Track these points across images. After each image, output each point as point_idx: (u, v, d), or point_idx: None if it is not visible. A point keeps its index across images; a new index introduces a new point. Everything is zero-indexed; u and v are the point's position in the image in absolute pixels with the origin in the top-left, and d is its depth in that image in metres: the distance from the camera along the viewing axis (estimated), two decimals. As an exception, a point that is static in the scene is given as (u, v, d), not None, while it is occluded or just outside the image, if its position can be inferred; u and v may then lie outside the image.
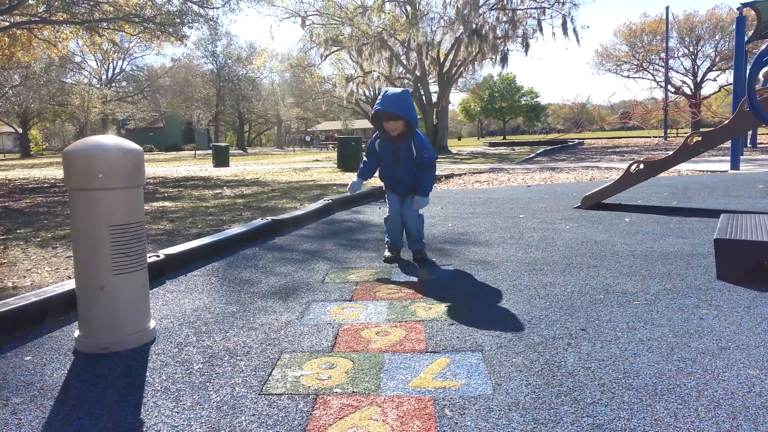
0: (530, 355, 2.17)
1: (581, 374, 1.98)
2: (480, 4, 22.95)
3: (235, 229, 4.72)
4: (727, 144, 10.92)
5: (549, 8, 23.08)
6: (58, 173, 16.95)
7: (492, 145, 34.58)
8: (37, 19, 15.82)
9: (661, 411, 1.71)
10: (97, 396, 1.95)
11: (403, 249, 4.02)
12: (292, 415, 1.77)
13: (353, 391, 1.93)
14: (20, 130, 48.36)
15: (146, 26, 17.11)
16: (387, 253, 3.92)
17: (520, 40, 23.59)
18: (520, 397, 1.84)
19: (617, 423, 1.65)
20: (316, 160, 21.92)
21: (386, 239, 3.99)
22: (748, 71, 4.85)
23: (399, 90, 3.55)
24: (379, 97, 3.55)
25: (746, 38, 13.05)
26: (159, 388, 2.00)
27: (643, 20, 45.31)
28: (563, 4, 22.77)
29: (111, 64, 50.15)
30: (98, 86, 47.75)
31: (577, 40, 23.03)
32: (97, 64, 48.16)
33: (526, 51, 23.55)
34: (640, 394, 1.82)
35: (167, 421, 1.76)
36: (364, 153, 3.88)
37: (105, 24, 16.91)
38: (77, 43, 21.96)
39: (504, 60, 23.95)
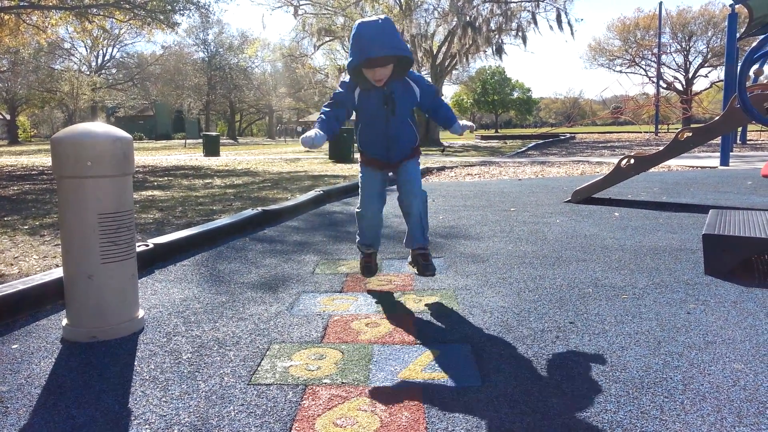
0: (519, 347, 2.19)
1: (569, 367, 2.00)
2: (474, -5, 22.88)
3: (226, 220, 4.69)
4: (717, 140, 11.00)
5: (543, 1, 23.07)
6: (46, 160, 16.77)
7: (484, 138, 34.61)
8: (25, 3, 15.58)
9: (647, 404, 1.73)
10: (84, 385, 1.94)
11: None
12: (281, 405, 1.77)
13: (342, 382, 1.93)
14: (8, 117, 47.75)
15: (137, 13, 16.90)
16: (367, 265, 3.01)
17: (513, 33, 23.56)
18: (508, 389, 1.85)
19: (604, 415, 1.66)
20: (308, 151, 21.84)
21: (358, 239, 3.01)
22: (739, 68, 4.87)
23: (379, 19, 2.54)
24: (356, 35, 2.51)
25: (738, 35, 13.12)
26: (147, 377, 1.99)
27: (637, 15, 45.41)
28: (558, -4, 22.75)
29: (101, 51, 49.58)
30: (88, 73, 47.21)
31: (572, 33, 23.22)
32: (87, 51, 47.61)
33: (525, 43, 23.54)
34: (627, 387, 1.83)
35: (155, 410, 1.75)
36: (325, 105, 2.69)
37: (95, 10, 16.69)
38: (67, 29, 21.68)
39: (499, 52, 23.92)
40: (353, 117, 2.82)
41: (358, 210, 2.90)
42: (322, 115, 2.65)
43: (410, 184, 2.76)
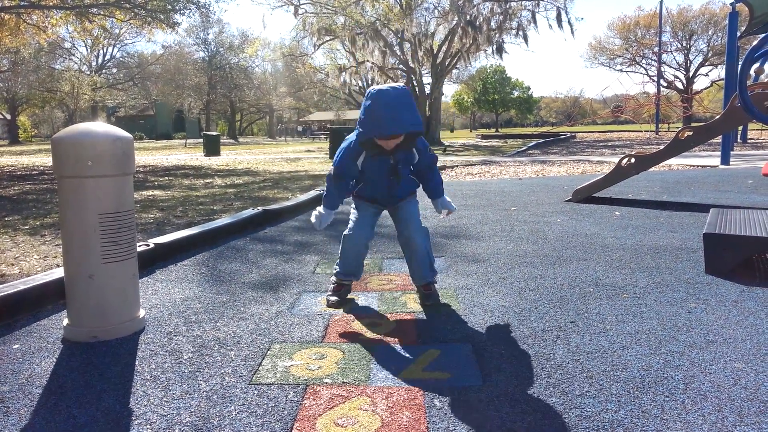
0: (520, 347, 2.19)
1: (570, 366, 2.00)
2: (475, -6, 22.86)
3: (226, 219, 4.70)
4: (718, 139, 10.99)
5: (543, 0, 23.04)
6: (47, 160, 16.78)
7: (484, 137, 34.59)
8: (25, 3, 15.58)
9: (648, 403, 1.73)
10: (85, 384, 1.94)
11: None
12: (282, 404, 1.77)
13: (343, 382, 1.93)
14: (8, 117, 47.76)
15: (137, 12, 16.90)
16: (332, 298, 2.76)
17: (514, 32, 23.54)
18: (509, 388, 1.85)
19: (605, 415, 1.66)
20: (308, 151, 21.84)
21: (336, 268, 2.79)
22: (739, 67, 4.87)
23: (397, 89, 2.44)
24: (372, 107, 2.41)
25: (739, 33, 13.10)
26: (148, 377, 1.99)
27: (637, 14, 45.39)
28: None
29: (101, 51, 49.57)
30: (88, 73, 47.22)
31: (572, 32, 23.08)
32: (87, 51, 47.60)
33: (526, 41, 23.51)
34: (627, 387, 1.83)
35: (156, 410, 1.76)
36: (331, 174, 2.73)
37: (95, 9, 16.69)
38: (67, 28, 21.66)
39: (500, 51, 23.90)
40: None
41: (346, 233, 2.72)
42: (326, 191, 2.77)
43: (411, 221, 2.72)
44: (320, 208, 2.75)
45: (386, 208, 2.79)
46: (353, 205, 2.81)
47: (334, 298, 2.76)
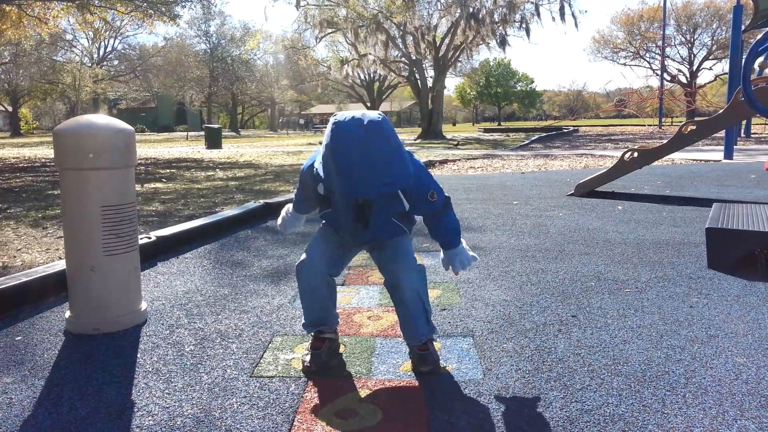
0: (521, 340, 2.19)
1: (571, 360, 2.00)
2: (478, -13, 22.74)
3: (228, 212, 4.70)
4: (721, 134, 10.96)
5: (546, -7, 22.90)
6: (48, 152, 16.78)
7: (487, 131, 34.50)
8: (27, -5, 15.53)
9: (649, 397, 1.73)
10: (87, 376, 1.94)
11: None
12: (284, 397, 1.78)
13: (345, 375, 1.93)
14: (10, 109, 47.74)
15: (138, 5, 16.84)
16: (308, 360, 1.97)
17: (517, 25, 23.44)
18: (510, 382, 1.85)
19: (606, 409, 1.67)
20: (310, 144, 21.81)
21: (304, 320, 2.06)
22: (743, 61, 4.84)
23: (363, 124, 1.64)
24: (328, 145, 1.67)
25: (743, 27, 13.03)
26: (150, 369, 2.00)
27: (641, 7, 45.13)
28: (561, -12, 22.59)
29: (102, 43, 49.43)
30: (90, 65, 47.12)
31: (576, 25, 22.97)
32: (89, 43, 47.47)
33: (528, 34, 23.39)
34: (628, 381, 1.83)
35: (158, 402, 1.76)
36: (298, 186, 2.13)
37: (96, 2, 16.63)
38: (68, 20, 21.60)
39: (503, 44, 23.80)
40: None
41: (298, 263, 1.99)
42: (295, 193, 2.18)
43: (399, 259, 1.95)
44: (289, 208, 2.27)
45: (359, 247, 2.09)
46: (322, 224, 2.09)
47: (316, 352, 1.98)
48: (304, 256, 1.99)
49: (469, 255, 2.06)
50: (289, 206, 2.26)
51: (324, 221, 2.06)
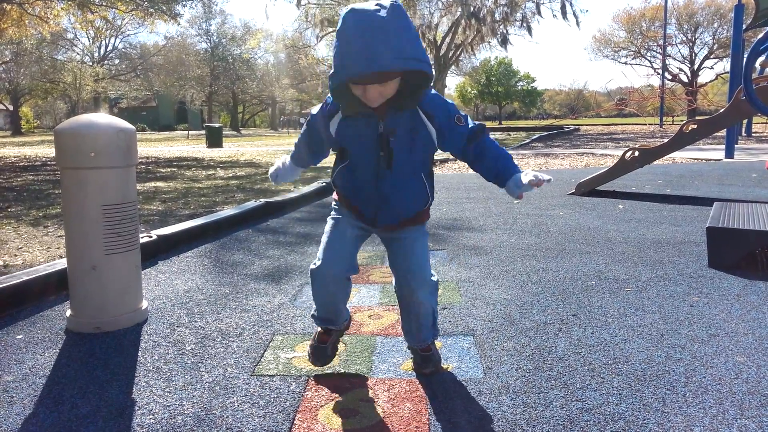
0: (521, 339, 2.19)
1: (571, 359, 2.00)
2: (478, -14, 22.74)
3: (229, 211, 4.70)
4: (722, 133, 10.95)
5: (548, -8, 22.92)
6: (49, 151, 16.79)
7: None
8: (27, -7, 15.54)
9: (649, 396, 1.73)
10: (88, 375, 1.95)
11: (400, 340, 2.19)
12: (284, 396, 1.78)
13: (345, 373, 1.93)
14: (11, 108, 47.76)
15: (139, 3, 16.84)
16: (318, 342, 1.95)
17: (518, 23, 23.43)
18: (510, 380, 1.85)
19: (606, 407, 1.67)
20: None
21: (314, 312, 1.98)
22: (745, 60, 4.84)
23: (380, 7, 1.54)
24: (341, 32, 1.56)
25: (744, 26, 13.01)
26: (151, 368, 2.00)
27: (644, 6, 45.04)
28: (562, -13, 22.60)
29: (103, 42, 49.44)
30: (90, 64, 47.13)
31: (577, 24, 22.94)
32: (90, 42, 47.49)
33: (530, 32, 23.39)
34: (629, 380, 1.84)
35: (159, 400, 1.76)
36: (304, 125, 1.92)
37: (97, 0, 16.63)
38: (69, 19, 21.61)
39: (504, 42, 23.79)
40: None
41: (313, 266, 1.86)
42: (296, 142, 1.97)
43: (414, 269, 1.83)
44: (286, 159, 2.03)
45: (375, 230, 1.89)
46: (331, 214, 1.94)
47: (321, 346, 1.94)
48: (319, 260, 1.84)
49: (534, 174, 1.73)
50: (286, 157, 2.04)
51: (339, 203, 1.89)
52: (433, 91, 1.74)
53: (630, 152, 6.00)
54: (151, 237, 3.52)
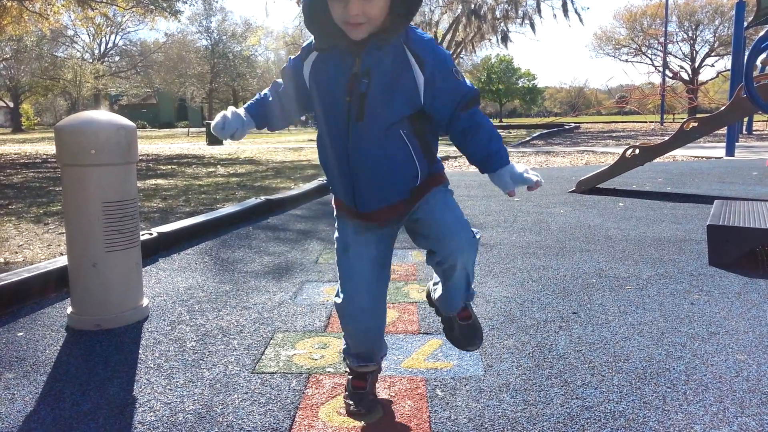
0: (522, 337, 2.19)
1: (572, 357, 2.00)
2: (479, -17, 22.70)
3: (229, 208, 4.70)
4: (723, 130, 10.94)
5: (548, -11, 22.89)
6: (50, 148, 16.78)
7: (488, 127, 34.32)
8: (28, -10, 15.51)
9: (649, 394, 1.73)
10: (89, 372, 1.95)
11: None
12: (285, 393, 1.78)
13: (346, 371, 1.93)
14: (11, 105, 47.73)
15: (139, 0, 16.82)
16: (350, 401, 1.63)
17: (519, 21, 23.41)
18: (510, 378, 1.85)
19: (606, 405, 1.67)
20: (311, 140, 21.79)
21: (344, 346, 1.69)
22: (746, 57, 4.83)
23: None
24: None
25: (745, 24, 12.98)
26: (152, 365, 2.00)
27: (645, 3, 44.98)
28: (563, -16, 22.56)
29: (104, 39, 49.36)
30: (91, 61, 47.09)
31: (580, 20, 22.91)
32: (90, 39, 47.43)
33: (533, 29, 23.39)
34: (629, 378, 1.84)
35: (160, 398, 1.77)
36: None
37: (97, -3, 16.61)
38: (69, 16, 21.58)
39: (505, 40, 23.77)
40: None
41: (337, 300, 1.60)
42: (256, 99, 1.63)
43: (453, 227, 1.47)
44: (237, 110, 1.57)
45: (385, 222, 1.53)
46: (336, 237, 1.61)
47: (359, 393, 1.63)
48: (341, 296, 1.57)
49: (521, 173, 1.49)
50: (236, 110, 1.57)
51: (336, 210, 1.59)
52: (428, 35, 1.42)
53: (631, 150, 5.99)
54: (151, 234, 3.52)
